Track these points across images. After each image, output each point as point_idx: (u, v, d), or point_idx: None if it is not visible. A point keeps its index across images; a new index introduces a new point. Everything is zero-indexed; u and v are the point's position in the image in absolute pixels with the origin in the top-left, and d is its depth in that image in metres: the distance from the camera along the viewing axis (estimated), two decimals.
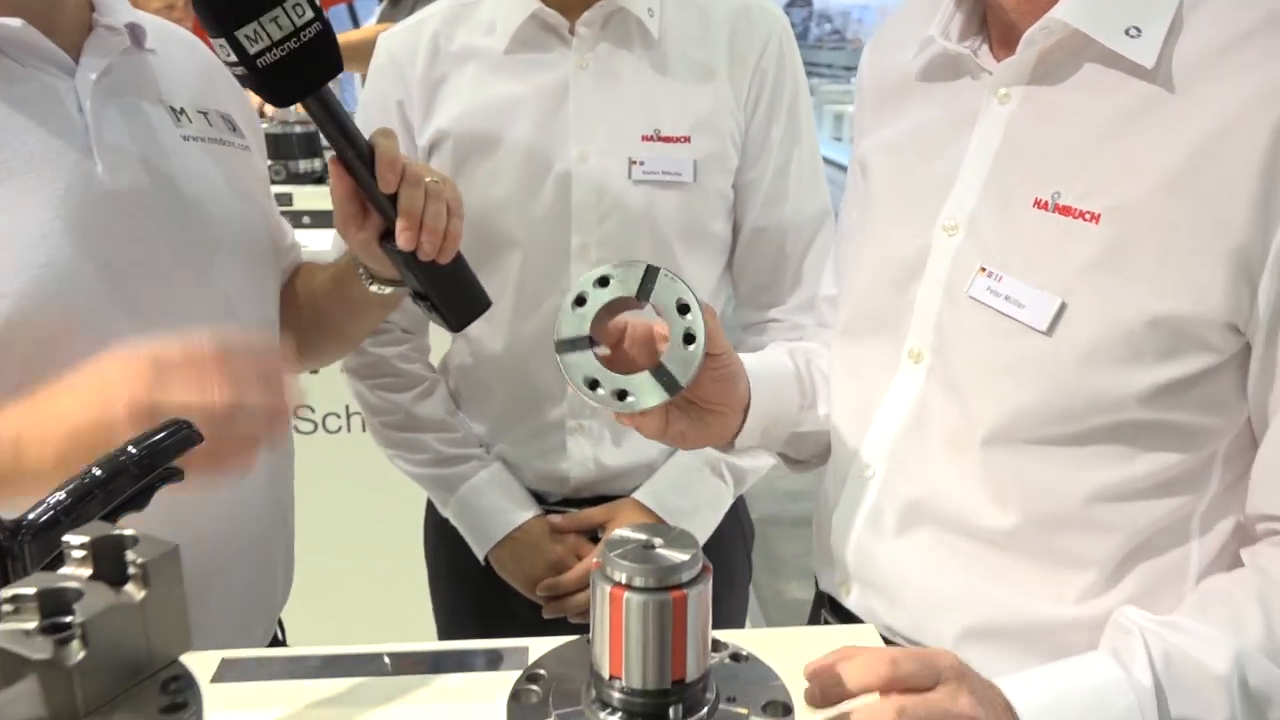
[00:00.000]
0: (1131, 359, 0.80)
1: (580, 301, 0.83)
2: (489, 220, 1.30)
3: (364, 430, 2.79)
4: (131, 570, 0.47)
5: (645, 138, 1.30)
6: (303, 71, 0.89)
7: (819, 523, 1.07)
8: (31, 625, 0.45)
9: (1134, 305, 0.79)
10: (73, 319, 0.87)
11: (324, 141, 3.51)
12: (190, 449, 0.74)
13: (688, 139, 1.31)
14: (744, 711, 0.65)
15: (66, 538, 0.49)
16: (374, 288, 1.09)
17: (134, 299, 0.93)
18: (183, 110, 1.04)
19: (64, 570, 0.49)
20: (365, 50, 1.46)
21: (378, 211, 0.98)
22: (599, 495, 1.39)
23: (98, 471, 0.68)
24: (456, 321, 1.04)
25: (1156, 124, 0.79)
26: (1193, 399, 0.81)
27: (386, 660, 0.86)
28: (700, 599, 0.61)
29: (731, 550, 1.51)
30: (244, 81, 0.89)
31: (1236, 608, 0.80)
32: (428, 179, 0.97)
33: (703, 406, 0.94)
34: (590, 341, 0.82)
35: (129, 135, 0.96)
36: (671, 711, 0.62)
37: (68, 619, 0.46)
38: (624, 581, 0.60)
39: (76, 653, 0.44)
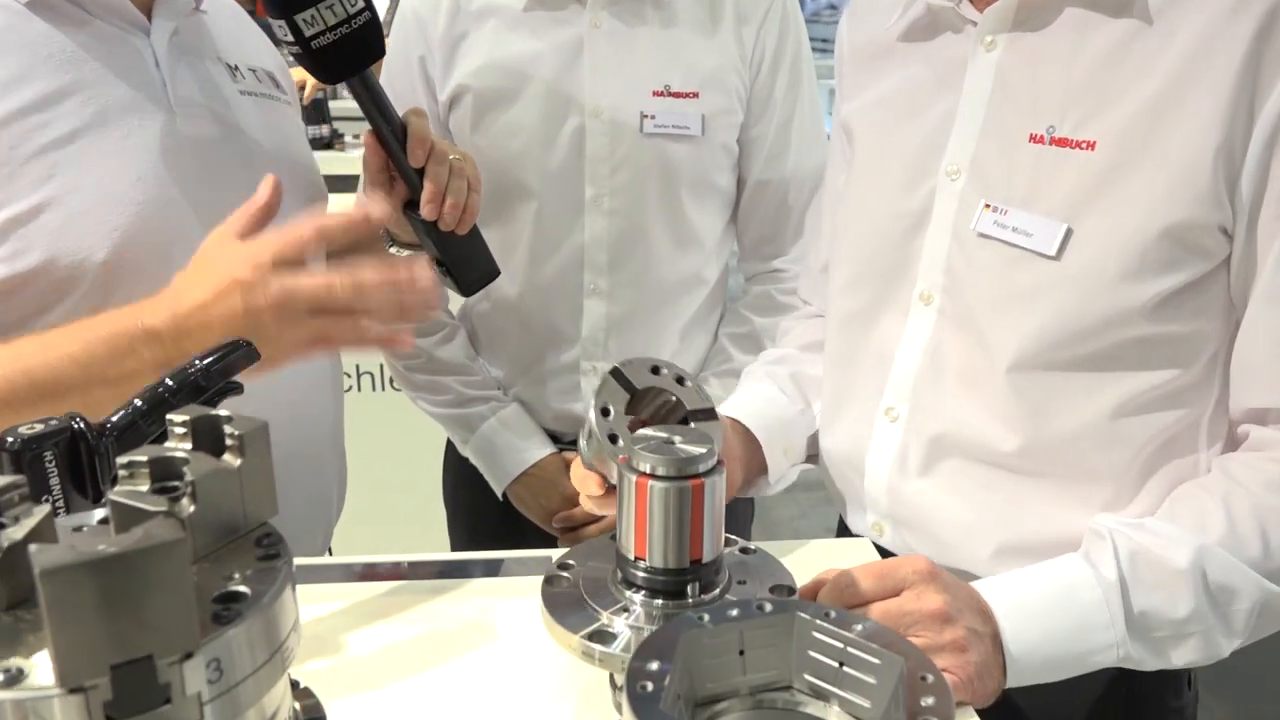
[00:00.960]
0: (1137, 273, 0.85)
1: (614, 439, 0.81)
2: (506, 172, 1.37)
3: (374, 389, 2.87)
4: (229, 442, 0.55)
5: (656, 93, 1.36)
6: (351, 54, 0.96)
7: (843, 472, 1.11)
8: (144, 488, 0.53)
9: (1137, 221, 0.85)
10: (167, 251, 0.97)
11: (333, 110, 3.57)
12: (249, 365, 0.81)
13: (696, 94, 1.38)
14: (753, 591, 0.72)
15: (170, 416, 0.56)
16: (393, 249, 1.17)
17: None
18: (236, 67, 1.12)
19: (167, 445, 0.56)
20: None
21: (405, 182, 1.06)
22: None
23: (170, 381, 0.76)
24: (467, 286, 1.12)
25: (1139, 54, 0.86)
26: (1189, 308, 0.87)
27: (424, 566, 0.94)
28: (715, 488, 0.69)
29: (734, 520, 1.59)
30: (298, 59, 0.96)
31: (1201, 508, 0.86)
32: (452, 157, 1.06)
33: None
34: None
35: (198, 90, 1.05)
36: (689, 588, 0.70)
37: (175, 483, 0.53)
38: (648, 471, 0.67)
39: (187, 507, 0.51)
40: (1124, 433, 0.91)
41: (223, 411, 0.56)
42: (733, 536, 0.79)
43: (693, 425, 0.84)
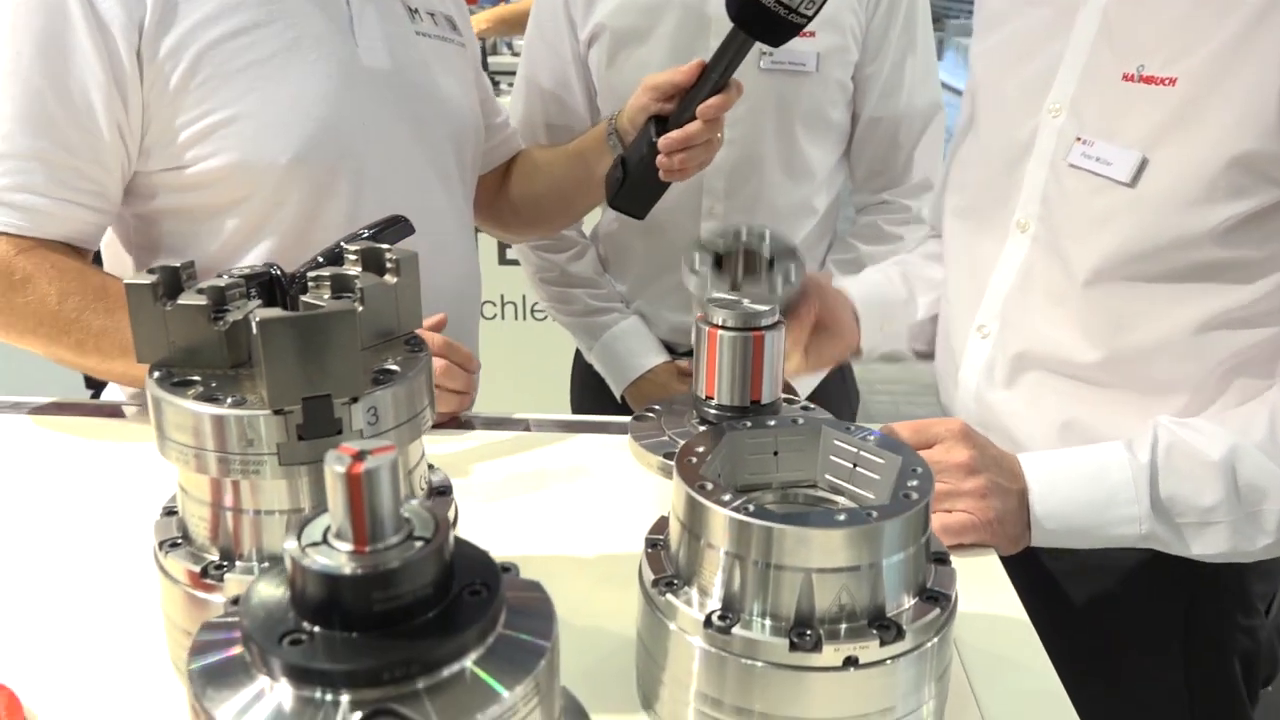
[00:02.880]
0: (1205, 200, 0.92)
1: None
2: None
3: (516, 318, 3.09)
4: (388, 265, 0.72)
5: None
6: (770, 28, 1.08)
7: (945, 384, 1.22)
8: (325, 297, 0.70)
9: (1207, 151, 0.91)
10: (337, 163, 1.15)
11: (490, 65, 3.81)
12: (403, 238, 0.99)
13: (813, 33, 1.48)
14: None
15: (343, 243, 0.74)
16: (611, 140, 1.33)
17: (381, 152, 1.19)
18: (416, 10, 1.29)
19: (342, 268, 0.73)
20: (523, 20, 1.70)
21: (678, 109, 1.20)
22: None
23: (344, 243, 0.94)
24: (619, 202, 1.26)
25: None
26: (1259, 234, 0.93)
27: (544, 423, 1.11)
28: (775, 341, 0.82)
29: (839, 410, 1.71)
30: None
31: (1249, 414, 0.93)
32: (719, 134, 1.21)
33: (820, 322, 1.11)
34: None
35: (379, 28, 1.22)
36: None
37: (347, 293, 0.70)
38: (719, 323, 0.82)
39: (358, 307, 0.69)
40: (1196, 349, 0.97)
41: (383, 244, 0.73)
42: (795, 397, 0.93)
43: (776, 261, 0.95)
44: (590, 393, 1.74)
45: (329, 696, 0.39)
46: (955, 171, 1.23)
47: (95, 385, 1.44)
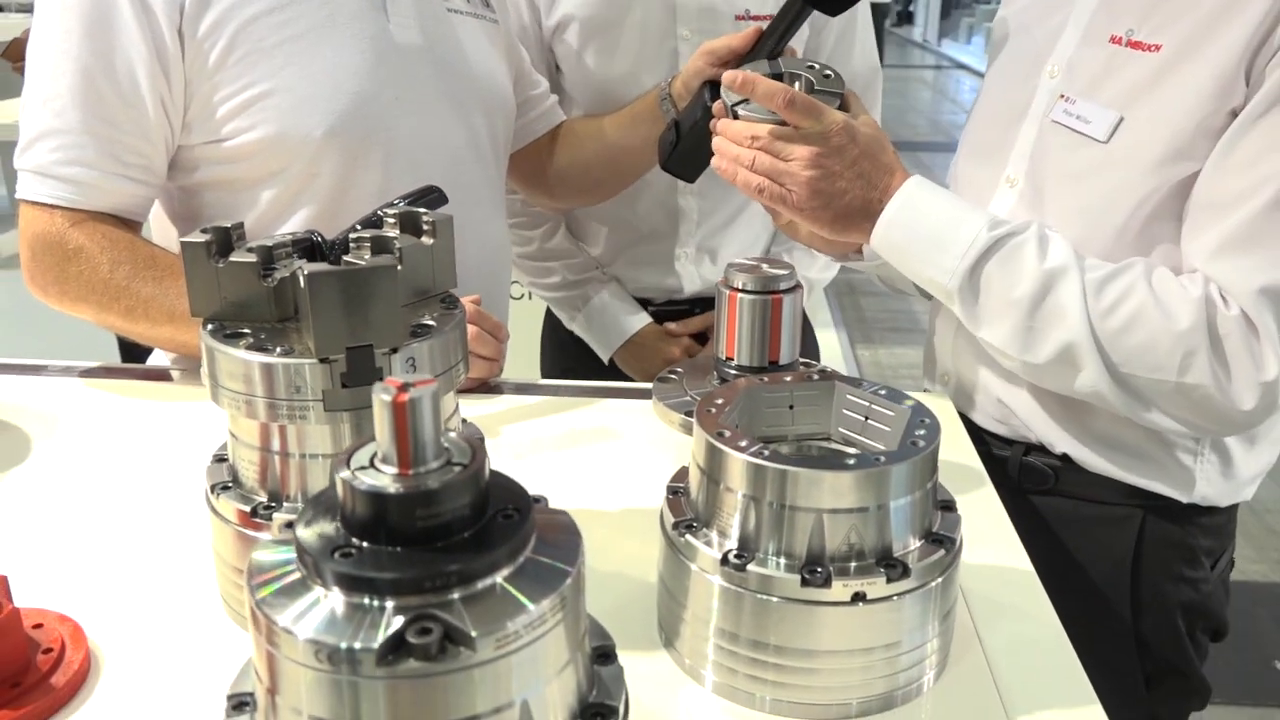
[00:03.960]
0: (1171, 159, 0.96)
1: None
2: (608, 92, 1.53)
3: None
4: (425, 227, 0.76)
5: (739, 17, 1.51)
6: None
7: (928, 337, 1.26)
8: (366, 257, 0.74)
9: (1179, 114, 0.95)
10: (370, 136, 1.18)
11: None
12: (441, 207, 1.03)
13: (770, 17, 1.51)
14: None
15: (381, 210, 0.78)
16: (664, 107, 1.36)
17: (413, 126, 1.23)
18: None
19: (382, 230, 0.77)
20: None
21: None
22: (699, 297, 1.66)
23: (380, 211, 0.98)
24: (671, 166, 1.29)
25: None
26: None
27: (567, 389, 1.15)
28: (793, 304, 0.86)
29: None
30: None
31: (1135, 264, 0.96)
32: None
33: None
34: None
35: (412, 4, 1.25)
36: None
37: (387, 254, 0.74)
38: (739, 287, 0.85)
39: (398, 264, 0.73)
40: None
41: (436, 210, 0.78)
42: (811, 361, 0.96)
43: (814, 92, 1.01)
44: (564, 356, 1.79)
45: (375, 603, 0.43)
46: (965, 133, 1.26)
47: (132, 358, 1.48)
